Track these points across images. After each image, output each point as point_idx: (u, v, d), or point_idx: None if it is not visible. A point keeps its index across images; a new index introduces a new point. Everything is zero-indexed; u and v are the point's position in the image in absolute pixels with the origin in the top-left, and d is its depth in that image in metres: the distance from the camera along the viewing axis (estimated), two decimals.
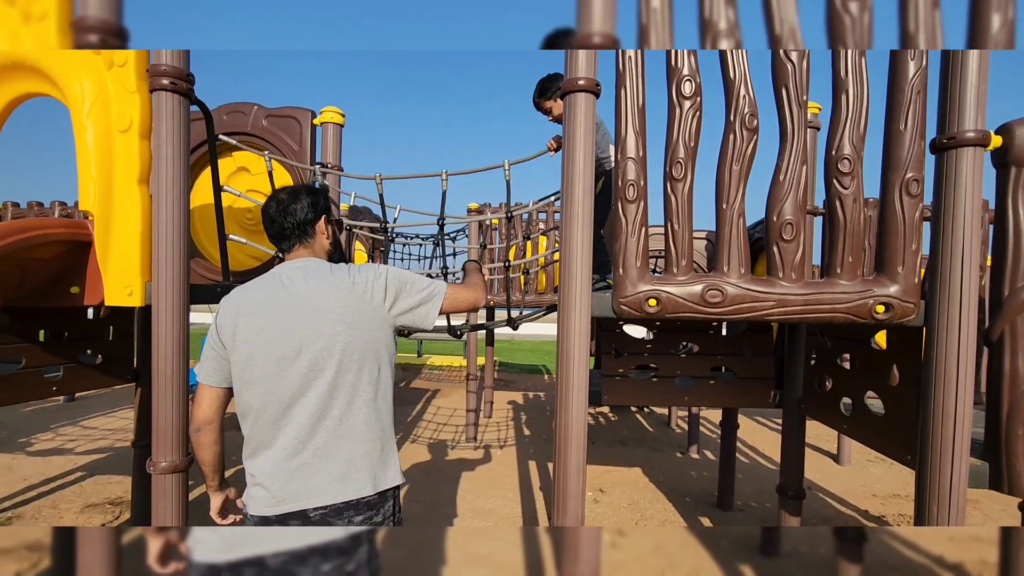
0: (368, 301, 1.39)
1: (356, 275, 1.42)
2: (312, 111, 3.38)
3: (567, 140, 1.83)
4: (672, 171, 1.84)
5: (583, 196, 1.82)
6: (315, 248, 1.51)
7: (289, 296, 1.36)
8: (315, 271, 1.41)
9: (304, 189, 1.54)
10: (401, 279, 1.47)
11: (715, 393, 3.10)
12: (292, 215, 1.47)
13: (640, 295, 1.85)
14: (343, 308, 1.35)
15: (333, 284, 1.38)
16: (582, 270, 1.83)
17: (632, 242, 1.85)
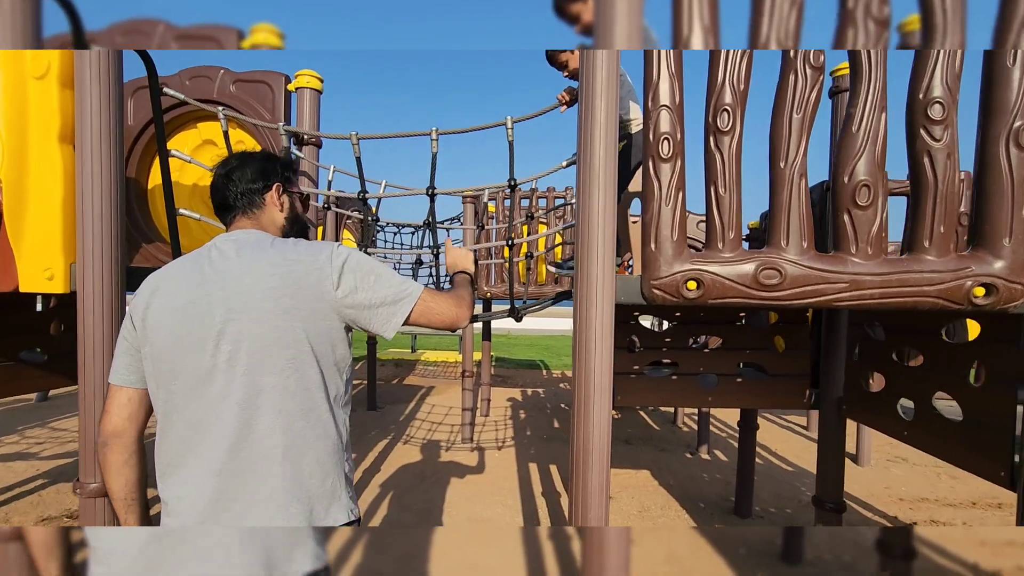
0: (312, 284, 1.09)
1: (304, 250, 1.12)
2: (286, 75, 3.00)
3: (585, 87, 1.47)
4: (717, 121, 1.48)
5: (605, 155, 1.46)
6: (262, 221, 1.25)
7: (215, 272, 1.09)
8: (252, 243, 1.15)
9: (258, 155, 1.29)
10: (366, 266, 1.15)
11: (742, 392, 2.75)
12: (236, 182, 1.23)
13: (677, 276, 1.49)
14: (277, 288, 1.07)
15: (270, 258, 1.10)
16: (604, 247, 1.47)
17: (666, 211, 1.49)
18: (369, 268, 1.15)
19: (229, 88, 3.08)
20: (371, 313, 1.13)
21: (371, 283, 1.13)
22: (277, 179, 1.27)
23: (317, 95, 2.94)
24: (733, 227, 1.49)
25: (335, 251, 1.14)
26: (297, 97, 2.93)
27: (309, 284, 1.08)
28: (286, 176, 1.29)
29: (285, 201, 1.28)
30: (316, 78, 2.93)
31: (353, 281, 1.12)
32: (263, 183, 1.24)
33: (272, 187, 1.25)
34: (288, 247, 1.14)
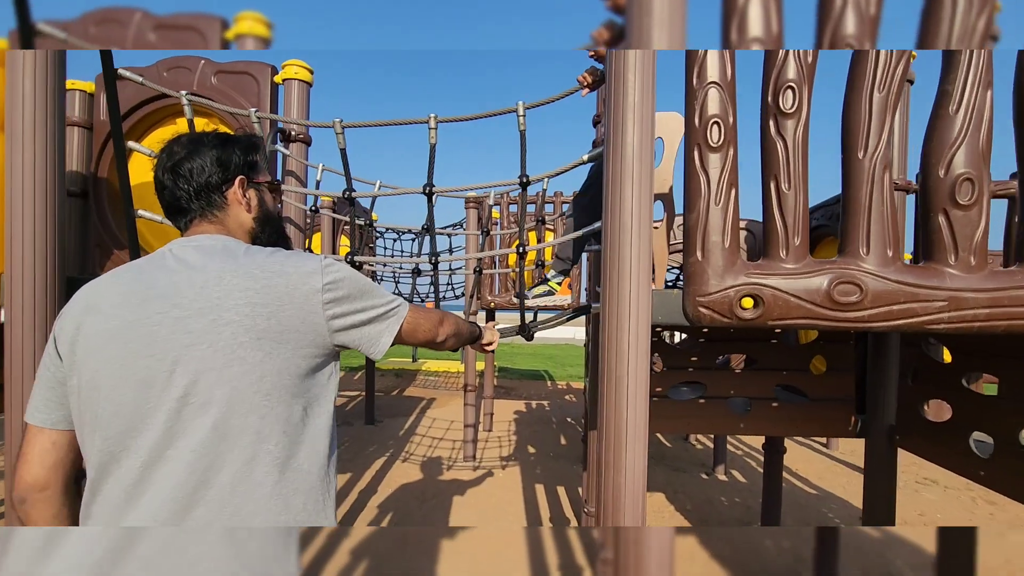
0: (298, 303, 0.87)
1: (287, 261, 0.91)
2: (273, 66, 2.75)
3: (615, 60, 1.20)
4: (779, 101, 1.20)
5: (640, 143, 1.19)
6: (227, 223, 1.01)
7: (171, 284, 0.86)
8: (218, 250, 0.92)
9: (211, 138, 1.02)
10: (358, 283, 0.96)
11: (778, 418, 2.45)
12: (188, 177, 0.97)
13: (730, 292, 1.21)
14: (252, 308, 0.84)
15: (245, 269, 0.87)
16: (637, 256, 1.20)
17: (716, 212, 1.21)
18: (361, 284, 0.96)
19: (210, 80, 2.82)
20: (361, 333, 0.95)
21: (359, 298, 0.95)
22: (239, 170, 1.01)
23: (307, 87, 2.68)
24: (799, 231, 1.20)
25: (325, 264, 0.92)
26: (284, 90, 2.67)
27: (293, 303, 0.86)
28: (249, 163, 1.03)
29: (252, 197, 1.03)
30: (306, 69, 2.68)
31: (345, 299, 0.92)
32: (221, 176, 0.99)
33: (234, 181, 1.00)
34: (266, 256, 0.90)
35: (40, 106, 1.42)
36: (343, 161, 1.55)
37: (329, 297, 0.89)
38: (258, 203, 1.04)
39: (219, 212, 0.99)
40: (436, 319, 1.11)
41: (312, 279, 0.88)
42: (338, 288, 0.90)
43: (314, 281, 0.88)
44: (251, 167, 1.03)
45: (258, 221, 1.03)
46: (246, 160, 1.02)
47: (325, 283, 0.89)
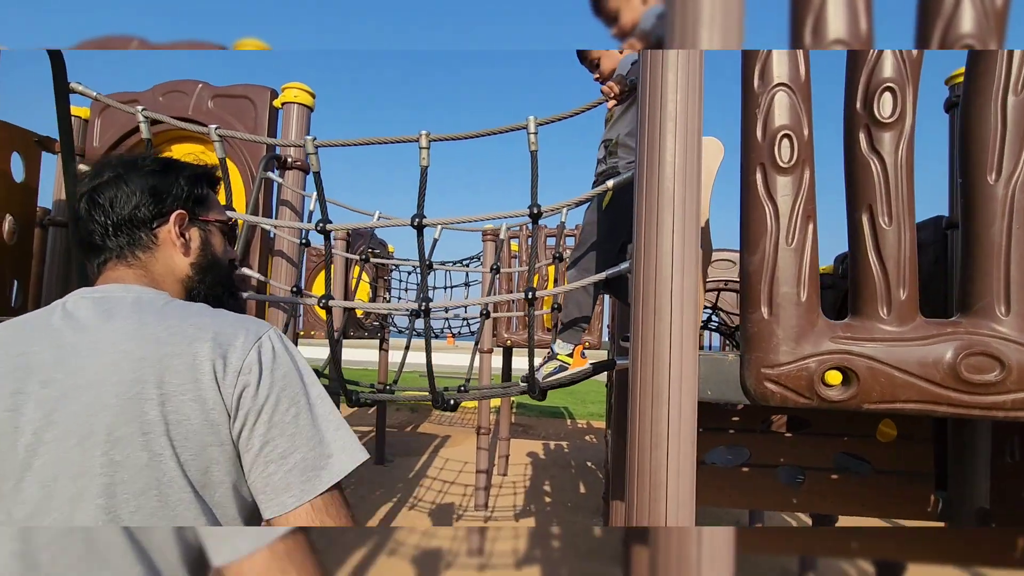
0: (202, 387, 0.63)
1: (205, 324, 0.67)
2: (272, 89, 2.58)
3: (651, 63, 0.93)
4: (874, 107, 0.90)
5: (683, 163, 0.91)
6: (153, 269, 0.79)
7: (46, 351, 0.65)
8: (125, 305, 0.70)
9: (150, 162, 0.82)
10: (285, 383, 0.66)
11: (838, 494, 2.06)
12: (107, 207, 0.77)
13: (810, 363, 0.89)
14: (141, 389, 0.61)
15: (144, 335, 0.65)
16: (680, 311, 0.90)
17: (788, 255, 0.91)
18: (295, 392, 0.66)
19: (207, 104, 2.65)
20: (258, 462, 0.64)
21: (287, 416, 0.65)
22: (179, 203, 0.79)
23: (307, 111, 2.49)
24: (906, 282, 0.89)
25: (264, 338, 0.67)
26: (284, 114, 2.49)
27: (199, 380, 0.62)
28: (197, 196, 0.82)
29: (194, 237, 0.81)
30: (307, 92, 2.49)
31: (263, 398, 0.63)
32: (153, 209, 0.78)
33: (169, 216, 0.78)
34: (185, 316, 0.68)
35: None
36: (317, 186, 1.30)
37: (243, 383, 0.63)
38: (200, 245, 0.81)
39: (143, 254, 0.77)
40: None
41: (232, 356, 0.63)
42: (263, 377, 0.64)
43: (233, 358, 0.63)
44: (198, 201, 0.82)
45: (198, 267, 0.80)
46: (191, 192, 0.81)
47: (246, 365, 0.63)
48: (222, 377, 0.62)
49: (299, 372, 0.67)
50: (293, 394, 0.65)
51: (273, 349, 0.66)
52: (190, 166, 0.84)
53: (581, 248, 1.65)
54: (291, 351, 0.68)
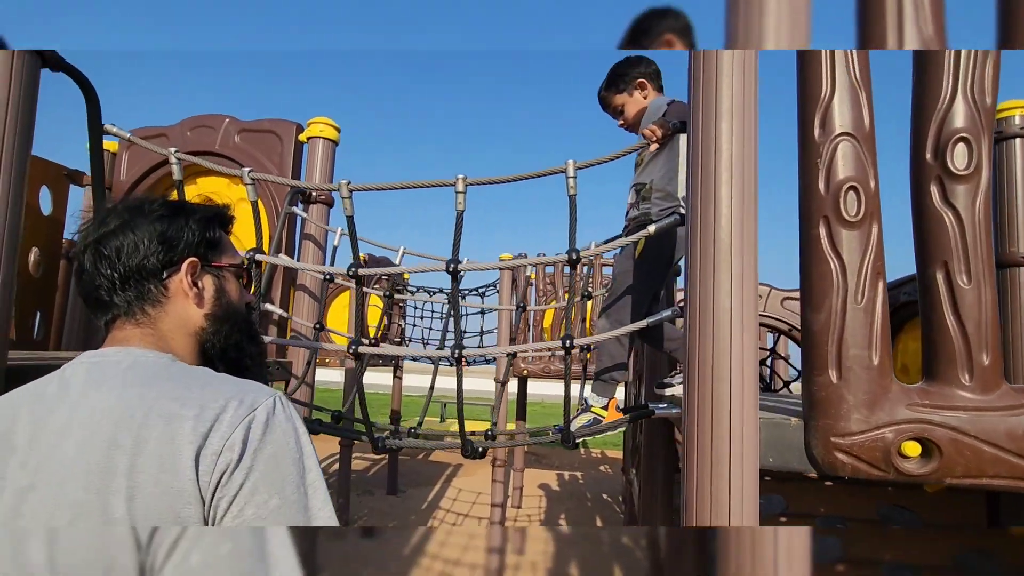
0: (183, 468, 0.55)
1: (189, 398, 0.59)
2: (298, 124, 2.60)
3: (701, 96, 0.90)
4: (948, 159, 0.85)
5: (741, 203, 0.87)
6: (162, 326, 0.72)
7: (31, 430, 0.59)
8: (119, 372, 0.63)
9: (158, 207, 0.75)
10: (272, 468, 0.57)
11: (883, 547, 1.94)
12: (114, 259, 0.70)
13: (885, 433, 0.82)
14: (108, 480, 0.54)
15: (120, 412, 0.58)
16: (743, 364, 0.85)
17: (857, 314, 0.85)
18: (283, 478, 0.57)
19: (233, 139, 2.68)
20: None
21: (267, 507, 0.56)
22: (191, 249, 0.73)
23: (332, 146, 2.49)
24: (988, 345, 0.82)
25: (255, 414, 0.58)
26: (309, 149, 2.49)
27: (177, 467, 0.54)
28: (209, 240, 0.76)
29: (208, 285, 0.75)
30: (332, 127, 2.50)
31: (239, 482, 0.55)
32: (163, 258, 0.71)
33: (181, 264, 0.72)
34: (174, 387, 0.60)
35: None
36: (350, 230, 1.27)
37: (220, 470, 0.54)
38: (215, 294, 0.75)
39: (152, 309, 0.70)
40: None
41: (214, 435, 0.55)
42: (239, 462, 0.55)
43: (215, 438, 0.55)
44: (211, 246, 0.76)
45: (213, 318, 0.74)
46: (204, 236, 0.75)
47: (227, 444, 0.55)
48: (201, 460, 0.54)
49: (295, 452, 0.58)
50: (279, 480, 0.56)
51: (266, 423, 0.57)
52: (201, 208, 0.79)
53: (612, 296, 1.60)
54: (289, 427, 0.59)
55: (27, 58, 1.22)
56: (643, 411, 1.53)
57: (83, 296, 0.72)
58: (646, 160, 1.61)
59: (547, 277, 4.76)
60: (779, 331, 3.62)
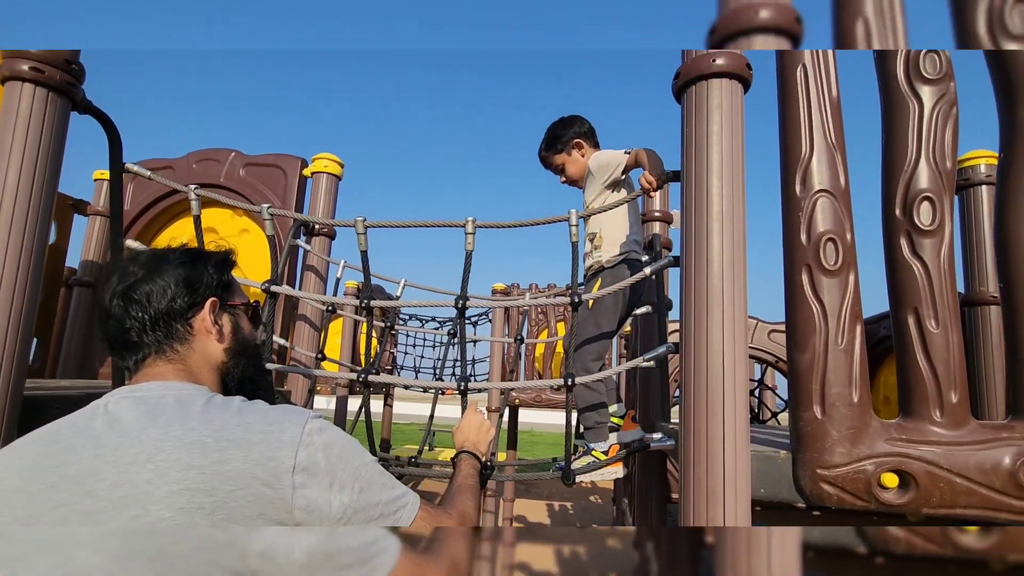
0: (256, 487, 0.62)
1: (251, 425, 0.66)
2: (302, 159, 2.68)
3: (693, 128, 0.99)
4: (913, 216, 0.95)
5: (730, 253, 0.95)
6: (190, 361, 0.78)
7: (89, 461, 0.62)
8: (168, 405, 0.69)
9: (177, 255, 0.82)
10: (346, 458, 0.68)
11: None
12: (144, 303, 0.76)
13: (866, 465, 0.89)
14: (192, 498, 0.60)
15: (190, 440, 0.63)
16: (733, 404, 0.92)
17: (838, 355, 0.93)
18: (356, 464, 0.68)
19: (239, 172, 2.75)
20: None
21: (355, 488, 0.67)
22: (210, 291, 0.80)
23: (335, 180, 2.57)
24: (956, 384, 0.90)
25: (307, 430, 0.66)
26: (312, 183, 2.57)
27: (250, 485, 0.61)
28: (224, 282, 0.83)
29: (226, 323, 0.82)
30: (335, 162, 2.58)
31: (327, 484, 0.65)
32: (188, 300, 0.78)
33: (204, 304, 0.79)
34: (229, 416, 0.66)
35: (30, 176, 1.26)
36: (363, 265, 1.34)
37: (302, 480, 0.63)
38: (232, 330, 0.82)
39: (181, 346, 0.76)
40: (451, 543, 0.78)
41: (282, 453, 0.63)
42: (318, 466, 0.65)
43: (285, 456, 0.63)
44: (225, 287, 0.83)
45: (232, 352, 0.81)
46: (220, 279, 0.81)
47: (299, 462, 0.63)
48: (276, 476, 0.62)
49: (346, 445, 0.69)
50: (346, 463, 0.67)
51: (320, 430, 0.67)
52: (215, 254, 0.85)
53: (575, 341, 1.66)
54: (336, 432, 0.69)
55: (59, 102, 1.29)
56: (641, 445, 1.59)
57: (110, 338, 0.77)
58: (595, 209, 1.70)
59: (540, 307, 4.83)
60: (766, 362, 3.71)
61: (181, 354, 0.76)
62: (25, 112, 1.24)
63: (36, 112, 1.26)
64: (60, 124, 1.31)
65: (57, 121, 1.30)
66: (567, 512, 7.69)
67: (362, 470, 0.68)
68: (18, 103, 1.23)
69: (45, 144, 1.27)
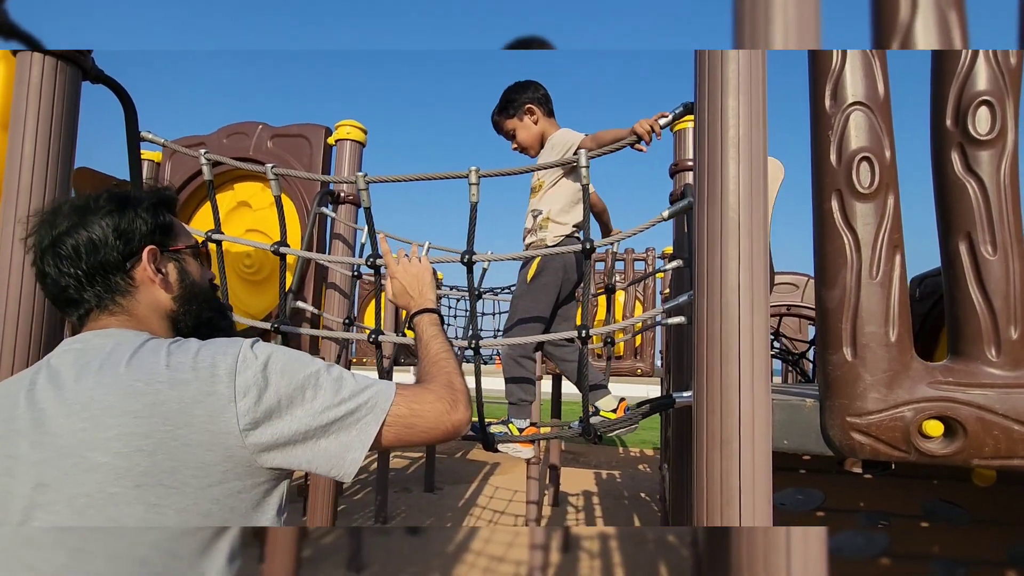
0: (197, 425, 0.61)
1: (184, 364, 0.64)
2: (327, 127, 2.68)
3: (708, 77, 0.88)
4: (968, 124, 0.81)
5: (749, 186, 0.85)
6: (137, 311, 0.75)
7: (30, 412, 0.63)
8: (105, 355, 0.66)
9: (104, 201, 0.75)
10: (298, 371, 0.67)
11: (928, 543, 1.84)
12: (74, 257, 0.72)
13: (904, 411, 0.79)
14: (128, 442, 0.59)
15: (121, 386, 0.61)
16: (750, 350, 0.83)
17: (873, 289, 0.82)
18: (304, 374, 0.66)
19: (266, 144, 2.79)
20: (310, 449, 0.66)
21: (304, 403, 0.66)
22: (148, 238, 0.75)
23: (359, 147, 2.56)
24: (1017, 319, 0.77)
25: (243, 354, 0.64)
26: (337, 151, 2.57)
27: (191, 425, 0.60)
28: (162, 225, 0.77)
29: (171, 270, 0.78)
30: (359, 129, 2.57)
31: (275, 401, 0.64)
32: (123, 251, 0.73)
33: (142, 253, 0.74)
34: (163, 357, 0.64)
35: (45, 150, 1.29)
36: (367, 221, 1.31)
37: (247, 406, 0.61)
38: (179, 276, 0.78)
39: (123, 298, 0.73)
40: (442, 400, 0.74)
41: (219, 385, 0.61)
42: (261, 391, 0.62)
43: (222, 388, 0.61)
44: (164, 231, 0.78)
45: (181, 300, 0.78)
46: (157, 223, 0.76)
47: (240, 384, 0.61)
48: (215, 402, 0.60)
49: (286, 361, 0.66)
50: (303, 377, 0.65)
51: (265, 350, 0.65)
52: (146, 195, 0.79)
53: (509, 319, 1.71)
54: (275, 348, 0.67)
55: (69, 71, 1.31)
56: (665, 400, 1.51)
57: (51, 297, 0.74)
58: (544, 187, 1.70)
59: None
60: None
61: (125, 307, 0.73)
62: (36, 82, 1.26)
63: (47, 81, 1.28)
64: (71, 93, 1.34)
65: (68, 90, 1.32)
66: (615, 480, 7.67)
67: (315, 370, 0.66)
68: (28, 73, 1.26)
69: (58, 114, 1.30)
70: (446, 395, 0.75)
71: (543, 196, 1.68)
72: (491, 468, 8.03)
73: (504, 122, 1.81)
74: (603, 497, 6.64)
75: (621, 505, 6.32)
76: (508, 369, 1.65)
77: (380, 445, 0.69)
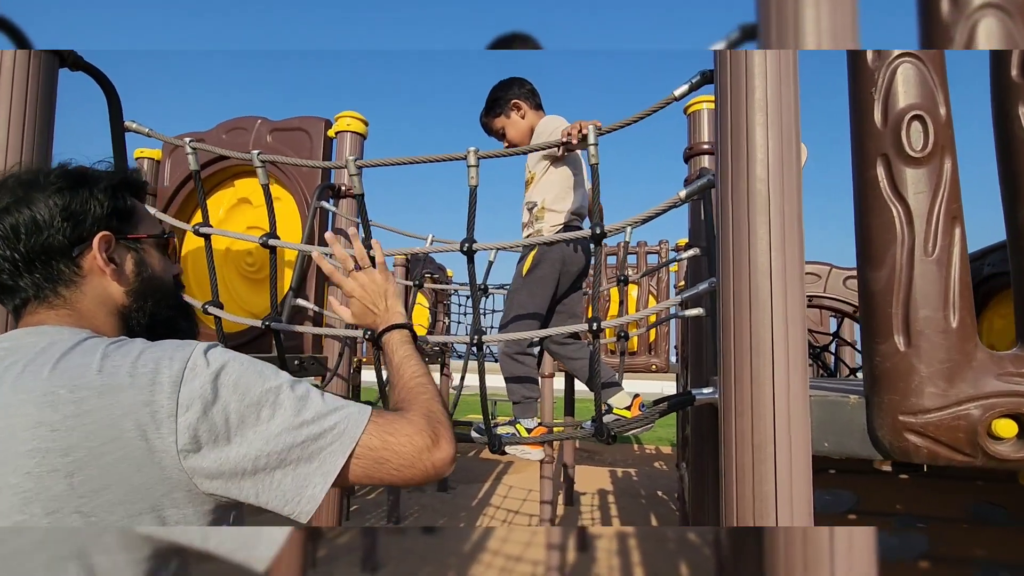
0: (126, 443, 0.51)
1: (120, 369, 0.54)
2: (327, 120, 2.60)
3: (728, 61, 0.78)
4: None
5: (782, 164, 0.74)
6: (80, 306, 0.65)
7: None
8: (31, 356, 0.56)
9: (55, 177, 0.66)
10: (245, 388, 0.56)
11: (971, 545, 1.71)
12: (12, 238, 0.62)
13: (970, 408, 0.68)
14: (42, 460, 0.50)
15: (39, 395, 0.52)
16: (785, 340, 0.72)
17: (929, 268, 0.71)
18: (261, 389, 0.57)
19: (266, 139, 2.71)
20: (260, 481, 0.56)
21: (262, 418, 0.56)
22: (101, 222, 0.66)
23: (360, 139, 2.48)
24: None
25: (193, 360, 0.55)
26: (337, 143, 2.49)
27: (119, 438, 0.51)
28: (120, 210, 0.68)
29: (127, 260, 0.69)
30: (360, 120, 2.49)
31: (222, 420, 0.54)
32: (70, 235, 0.64)
33: (92, 240, 0.65)
34: (95, 361, 0.54)
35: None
36: (360, 211, 1.22)
37: (188, 422, 0.52)
38: (135, 268, 0.69)
39: (67, 290, 0.64)
40: (423, 432, 0.62)
41: (159, 395, 0.52)
42: (208, 406, 0.53)
43: (162, 398, 0.52)
44: (123, 217, 0.68)
45: (135, 294, 0.68)
46: (114, 206, 0.67)
47: (183, 401, 0.52)
48: (154, 425, 0.51)
49: (253, 369, 0.57)
50: (259, 393, 0.56)
51: (208, 366, 0.55)
52: (106, 175, 0.69)
53: (506, 313, 1.64)
54: (229, 357, 0.57)
55: (44, 58, 1.24)
56: (685, 398, 1.40)
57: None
58: (536, 178, 1.63)
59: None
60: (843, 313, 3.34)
61: (67, 299, 0.64)
62: (8, 71, 1.19)
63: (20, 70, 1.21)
64: (48, 82, 1.27)
65: (44, 79, 1.25)
66: (631, 478, 7.56)
67: (269, 395, 0.56)
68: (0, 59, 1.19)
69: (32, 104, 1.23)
70: (426, 428, 0.63)
71: (535, 187, 1.63)
72: (504, 467, 7.95)
73: (492, 122, 1.76)
74: (619, 496, 6.53)
75: (638, 504, 6.20)
76: (507, 368, 1.57)
77: (346, 481, 0.58)
